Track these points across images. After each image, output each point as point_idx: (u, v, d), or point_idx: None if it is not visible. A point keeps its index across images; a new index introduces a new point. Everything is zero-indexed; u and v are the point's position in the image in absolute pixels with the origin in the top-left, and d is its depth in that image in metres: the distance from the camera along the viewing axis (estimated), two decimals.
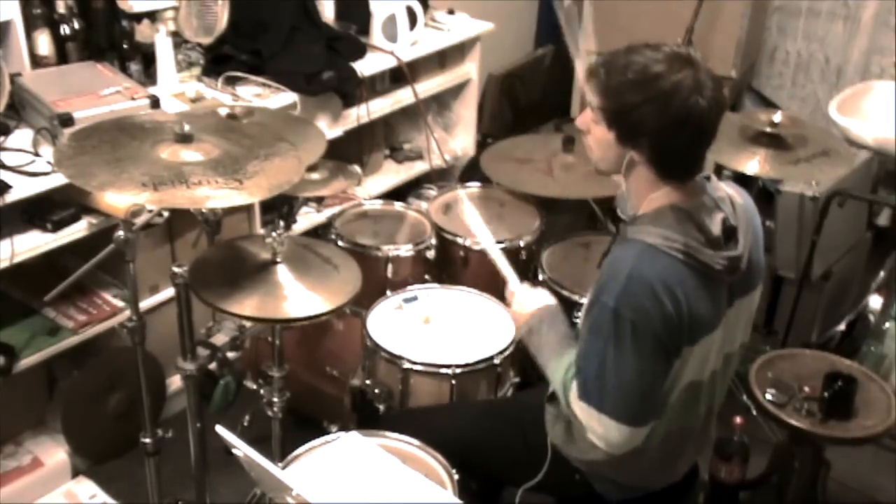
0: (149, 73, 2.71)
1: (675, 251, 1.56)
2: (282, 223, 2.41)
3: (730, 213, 1.63)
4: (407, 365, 2.18)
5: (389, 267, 2.62)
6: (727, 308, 1.68)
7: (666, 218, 1.58)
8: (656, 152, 1.59)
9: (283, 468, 1.79)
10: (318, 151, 2.31)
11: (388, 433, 1.92)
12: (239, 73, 2.78)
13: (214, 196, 1.69)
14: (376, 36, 3.11)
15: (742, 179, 2.57)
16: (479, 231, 2.08)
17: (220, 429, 1.59)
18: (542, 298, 1.88)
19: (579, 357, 1.64)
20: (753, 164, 2.50)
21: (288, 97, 2.75)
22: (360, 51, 3.05)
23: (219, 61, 2.80)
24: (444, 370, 2.17)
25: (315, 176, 2.45)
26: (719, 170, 2.65)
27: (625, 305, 1.54)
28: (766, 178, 2.86)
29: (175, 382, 2.76)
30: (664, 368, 1.59)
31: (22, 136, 2.37)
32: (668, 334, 1.56)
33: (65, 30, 2.54)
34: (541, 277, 2.59)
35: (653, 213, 1.61)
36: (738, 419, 2.42)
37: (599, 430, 1.62)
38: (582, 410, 1.63)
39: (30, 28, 2.48)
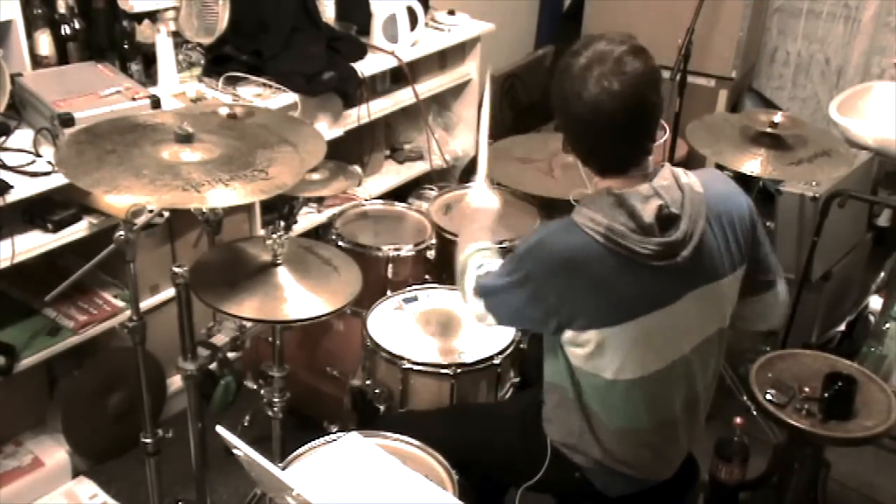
0: (149, 74, 2.71)
1: (594, 232, 1.62)
2: (282, 224, 2.41)
3: (673, 201, 1.63)
4: (407, 365, 2.18)
5: (390, 267, 2.62)
6: (681, 294, 1.68)
7: (599, 202, 1.64)
8: (581, 152, 1.70)
9: (284, 468, 1.79)
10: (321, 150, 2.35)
11: (388, 433, 1.92)
12: (239, 74, 2.78)
13: (253, 188, 1.74)
14: (377, 36, 3.11)
15: (743, 180, 2.57)
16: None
17: (220, 429, 1.59)
18: (490, 201, 2.12)
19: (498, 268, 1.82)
20: (754, 164, 2.50)
21: (288, 97, 2.75)
22: (361, 51, 3.05)
23: (219, 61, 2.80)
24: (444, 370, 2.17)
25: (316, 176, 2.45)
26: (720, 170, 2.65)
27: (526, 259, 1.70)
28: (767, 178, 2.86)
29: (175, 382, 2.76)
30: (533, 315, 1.72)
31: (23, 136, 2.37)
32: (560, 301, 1.66)
33: (65, 30, 2.54)
34: None
35: (591, 196, 1.68)
36: (738, 419, 2.42)
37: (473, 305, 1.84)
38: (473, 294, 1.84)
39: (30, 28, 2.48)
